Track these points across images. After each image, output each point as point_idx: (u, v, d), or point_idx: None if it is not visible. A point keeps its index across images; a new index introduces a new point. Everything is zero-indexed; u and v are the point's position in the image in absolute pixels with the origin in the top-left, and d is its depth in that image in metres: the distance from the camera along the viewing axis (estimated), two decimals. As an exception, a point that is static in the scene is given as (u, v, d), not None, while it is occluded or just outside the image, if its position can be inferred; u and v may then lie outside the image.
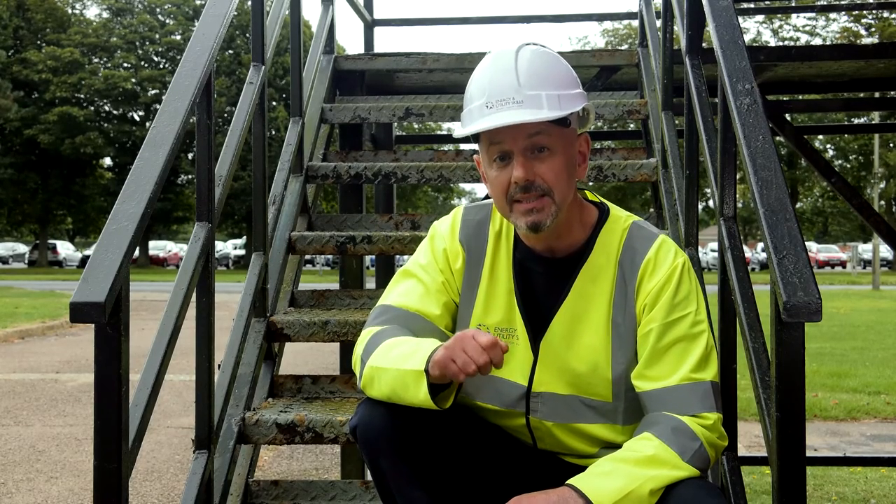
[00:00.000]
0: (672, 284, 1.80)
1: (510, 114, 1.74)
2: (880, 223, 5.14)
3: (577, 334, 1.84)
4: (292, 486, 2.73)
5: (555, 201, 1.78)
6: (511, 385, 1.88)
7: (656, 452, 1.69)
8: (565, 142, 1.80)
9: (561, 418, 1.87)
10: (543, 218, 1.78)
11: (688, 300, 1.81)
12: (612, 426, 1.86)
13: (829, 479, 5.44)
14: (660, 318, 1.79)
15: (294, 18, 3.75)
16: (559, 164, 1.78)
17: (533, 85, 1.75)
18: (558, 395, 1.86)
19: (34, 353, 11.43)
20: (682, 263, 1.83)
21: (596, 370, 1.83)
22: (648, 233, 1.87)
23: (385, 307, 1.92)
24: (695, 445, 1.72)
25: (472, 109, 1.79)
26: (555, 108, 1.74)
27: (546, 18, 5.76)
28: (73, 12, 45.02)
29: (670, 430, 1.72)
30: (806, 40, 34.31)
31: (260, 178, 3.11)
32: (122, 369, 1.86)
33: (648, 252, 1.83)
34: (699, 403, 1.76)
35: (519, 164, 1.76)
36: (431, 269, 1.93)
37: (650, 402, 1.79)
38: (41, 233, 46.25)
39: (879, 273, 29.76)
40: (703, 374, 1.78)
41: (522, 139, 1.76)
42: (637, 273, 1.83)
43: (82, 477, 5.41)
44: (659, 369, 1.79)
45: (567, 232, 1.86)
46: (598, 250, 1.86)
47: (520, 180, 1.76)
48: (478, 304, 1.90)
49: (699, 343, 1.80)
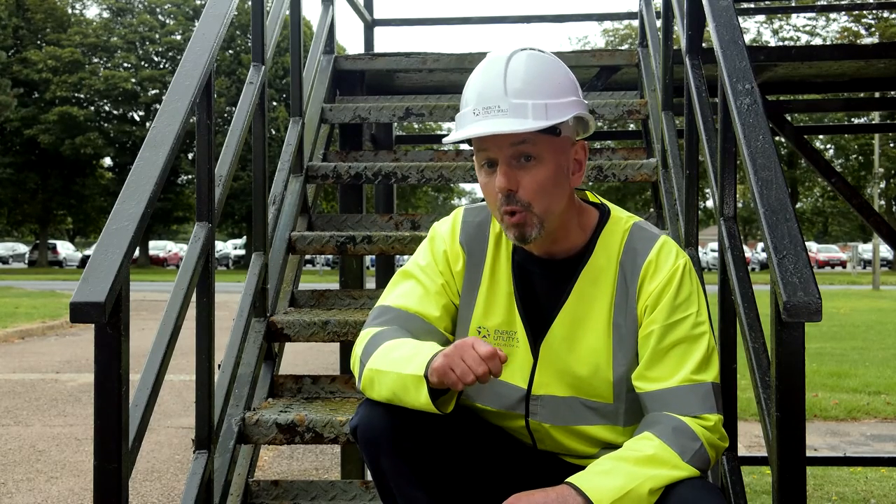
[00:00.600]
0: (673, 286, 1.80)
1: (493, 122, 1.73)
2: (880, 223, 5.14)
3: (577, 336, 1.84)
4: (292, 486, 2.73)
5: (535, 213, 1.77)
6: (511, 388, 1.88)
7: (656, 452, 1.69)
8: (554, 150, 1.78)
9: (561, 421, 1.87)
10: (528, 231, 1.78)
11: (689, 302, 1.81)
12: (612, 427, 1.86)
13: (829, 479, 5.44)
14: (661, 319, 1.79)
15: (294, 18, 3.75)
16: (544, 174, 1.76)
17: (519, 93, 1.74)
18: (558, 397, 1.85)
19: (34, 353, 11.43)
20: (684, 265, 1.83)
21: (597, 372, 1.83)
22: (650, 234, 1.87)
23: (384, 308, 1.91)
24: (695, 446, 1.72)
25: (464, 115, 1.80)
26: (540, 117, 1.73)
27: (546, 18, 5.76)
28: (73, 12, 45.02)
29: (671, 429, 1.72)
30: (806, 40, 34.34)
31: (260, 178, 3.11)
32: (122, 369, 1.86)
33: (650, 253, 1.83)
34: (700, 404, 1.76)
35: (501, 172, 1.76)
36: (431, 271, 1.93)
37: (651, 402, 1.79)
38: (41, 233, 46.26)
39: (879, 273, 29.76)
40: (704, 376, 1.78)
41: (507, 147, 1.75)
42: (638, 274, 1.82)
43: (82, 477, 5.41)
44: (660, 370, 1.79)
45: (564, 237, 1.85)
46: (598, 252, 1.86)
47: (501, 189, 1.76)
48: (478, 306, 1.90)
49: (700, 344, 1.79)
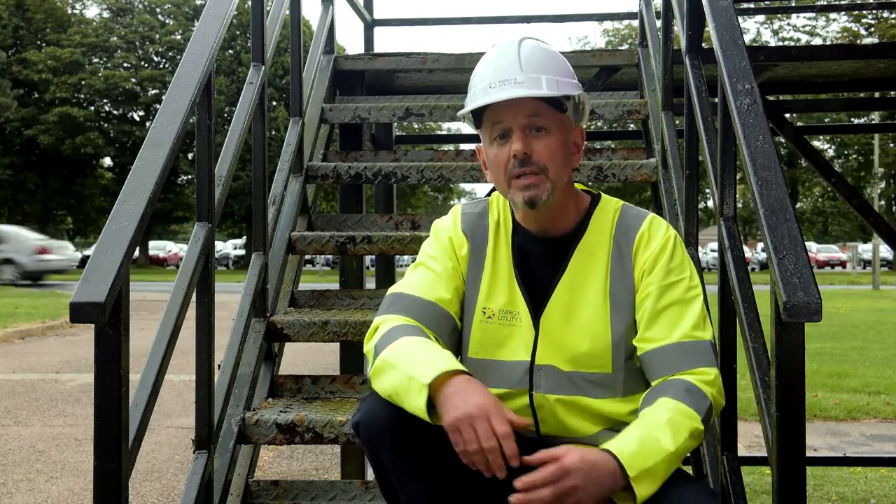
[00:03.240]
0: (668, 251, 1.91)
1: (512, 90, 1.85)
2: (880, 223, 5.13)
3: (575, 307, 1.92)
4: (292, 486, 2.73)
5: (549, 178, 1.89)
6: (515, 364, 1.93)
7: (676, 414, 1.74)
8: (561, 126, 1.92)
9: (564, 391, 1.91)
10: (539, 193, 1.88)
11: (682, 266, 1.92)
12: (612, 399, 1.90)
13: (829, 479, 5.44)
14: (657, 280, 1.89)
15: (294, 18, 3.76)
16: (555, 143, 1.89)
17: (533, 69, 1.88)
18: (560, 369, 1.91)
19: (34, 353, 11.42)
20: (674, 235, 1.95)
21: (595, 341, 1.90)
22: (638, 211, 2.00)
23: (398, 294, 1.97)
24: (706, 404, 1.79)
25: (476, 91, 1.92)
26: (553, 88, 1.87)
27: (546, 18, 5.77)
28: (73, 12, 44.96)
29: (684, 390, 1.79)
30: (806, 40, 34.37)
31: (260, 178, 3.11)
32: (122, 369, 1.86)
33: (642, 226, 1.95)
34: (700, 358, 1.83)
35: (518, 138, 1.88)
36: (441, 257, 2.01)
37: (654, 362, 1.85)
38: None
39: (879, 273, 29.76)
40: (703, 333, 1.87)
41: (522, 117, 1.88)
42: (633, 245, 1.93)
43: (82, 477, 5.41)
44: (658, 330, 1.87)
45: (562, 215, 1.96)
46: (592, 229, 1.97)
47: (518, 153, 1.87)
48: (482, 289, 1.98)
49: (695, 305, 1.89)
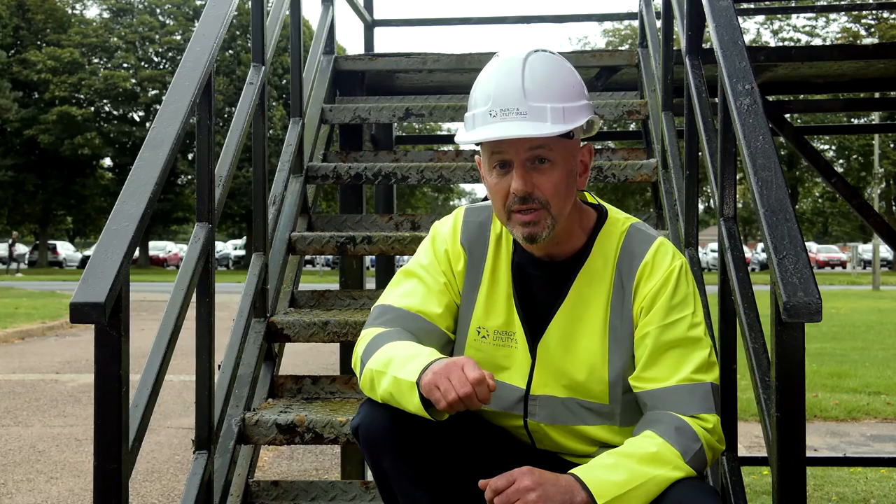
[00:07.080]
0: (669, 287, 1.81)
1: (513, 125, 1.74)
2: (880, 223, 5.13)
3: (574, 337, 1.85)
4: (292, 486, 2.73)
5: (551, 214, 1.79)
6: (510, 388, 1.89)
7: (659, 451, 1.69)
8: (567, 154, 1.80)
9: (559, 421, 1.87)
10: (539, 230, 1.79)
11: (685, 303, 1.82)
12: (609, 427, 1.86)
13: (829, 479, 5.44)
14: (657, 321, 1.80)
15: (294, 18, 3.75)
16: (558, 176, 1.78)
17: (538, 97, 1.75)
18: (556, 397, 1.86)
19: (34, 354, 11.43)
20: (680, 266, 1.84)
21: (592, 373, 1.84)
22: (646, 235, 1.88)
23: (386, 307, 1.91)
24: (696, 447, 1.72)
25: (476, 115, 1.79)
26: (559, 122, 1.74)
27: (546, 19, 5.76)
28: (73, 12, 44.98)
29: (674, 429, 1.73)
30: (806, 41, 34.35)
31: (260, 179, 3.11)
32: (122, 369, 1.86)
33: (646, 255, 1.84)
34: (699, 404, 1.76)
35: (518, 175, 1.77)
36: (433, 270, 1.93)
37: (650, 400, 1.79)
38: (41, 233, 46.25)
39: (879, 273, 29.74)
40: (704, 376, 1.78)
41: (524, 151, 1.76)
42: (634, 276, 1.83)
43: (82, 477, 5.41)
44: (657, 371, 1.79)
45: (566, 238, 1.87)
46: (595, 254, 1.87)
47: (518, 192, 1.77)
48: (478, 306, 1.91)
49: (697, 345, 1.80)
